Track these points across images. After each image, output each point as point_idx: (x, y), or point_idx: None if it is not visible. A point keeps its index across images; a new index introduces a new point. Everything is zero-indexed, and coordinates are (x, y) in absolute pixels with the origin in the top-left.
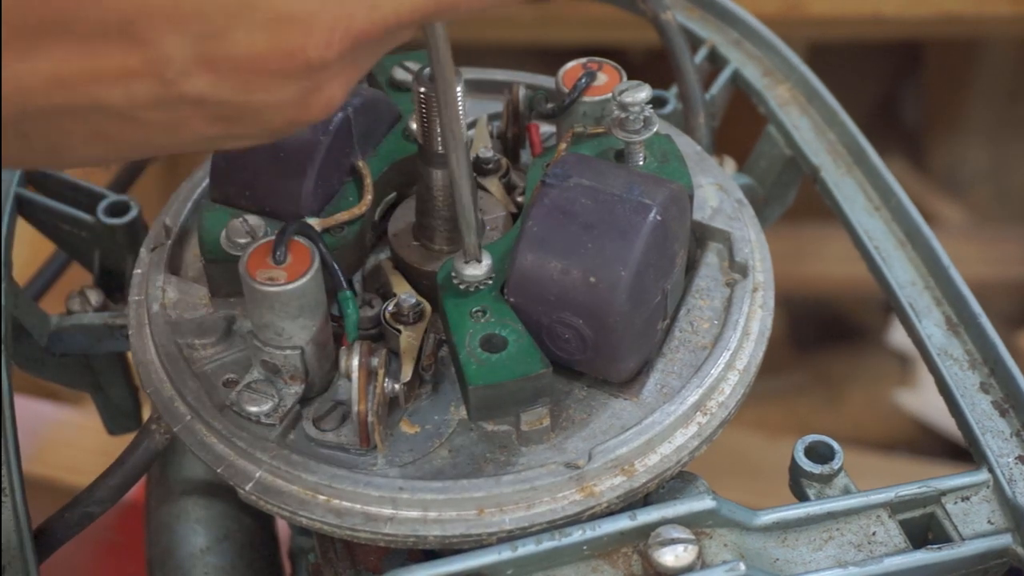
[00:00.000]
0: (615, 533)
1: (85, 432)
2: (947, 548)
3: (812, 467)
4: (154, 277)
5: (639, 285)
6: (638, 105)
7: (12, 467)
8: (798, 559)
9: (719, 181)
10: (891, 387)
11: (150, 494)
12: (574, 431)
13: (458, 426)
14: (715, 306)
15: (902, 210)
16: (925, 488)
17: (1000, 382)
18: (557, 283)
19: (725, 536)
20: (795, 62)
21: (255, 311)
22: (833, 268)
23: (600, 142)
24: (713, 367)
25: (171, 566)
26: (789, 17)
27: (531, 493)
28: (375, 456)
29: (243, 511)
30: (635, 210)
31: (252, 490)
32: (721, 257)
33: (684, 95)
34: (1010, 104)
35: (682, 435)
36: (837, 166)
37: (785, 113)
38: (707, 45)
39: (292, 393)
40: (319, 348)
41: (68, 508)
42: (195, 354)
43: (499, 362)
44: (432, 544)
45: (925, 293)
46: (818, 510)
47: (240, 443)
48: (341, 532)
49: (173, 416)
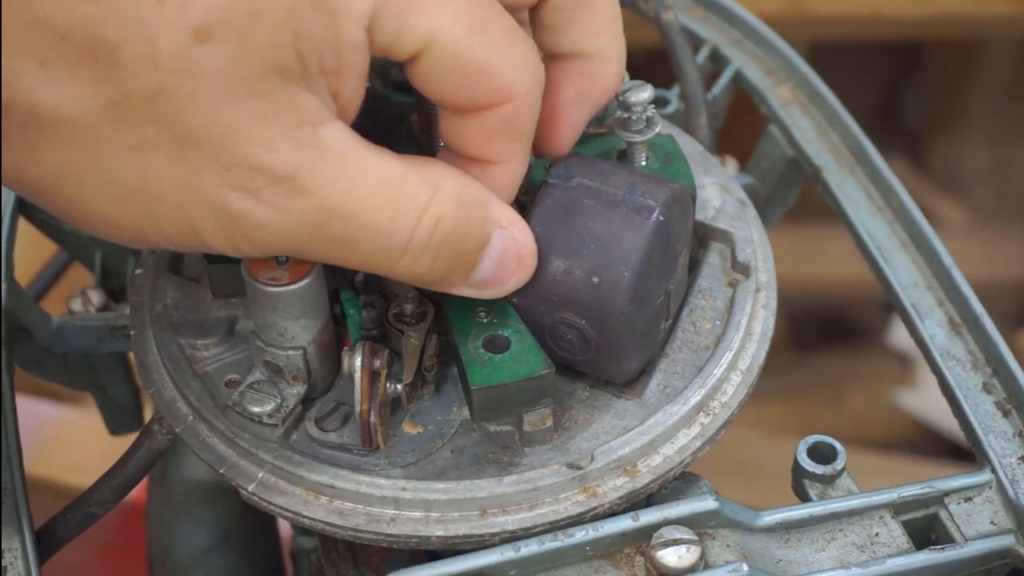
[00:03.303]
0: (617, 534)
1: (86, 432)
2: (950, 549)
3: (814, 468)
4: (156, 277)
5: (642, 285)
6: (641, 105)
7: (13, 467)
8: (801, 560)
9: (721, 181)
10: (892, 387)
11: (152, 494)
12: (577, 432)
13: (461, 427)
14: (717, 306)
15: (904, 211)
16: (928, 489)
17: (1003, 383)
18: (560, 284)
19: (728, 537)
20: (797, 62)
21: (257, 311)
22: (834, 268)
23: (602, 142)
24: (716, 367)
25: (172, 567)
26: (790, 17)
27: (534, 494)
28: (377, 457)
29: (245, 512)
30: (638, 210)
31: (254, 491)
32: (723, 257)
33: (686, 95)
34: (1010, 104)
35: (685, 436)
36: (839, 166)
37: (787, 113)
38: (709, 45)
39: (294, 394)
40: (321, 348)
41: (70, 509)
42: (197, 354)
43: (502, 363)
44: (435, 545)
45: (927, 294)
46: (821, 511)
47: (242, 443)
48: (343, 533)
49: (175, 417)
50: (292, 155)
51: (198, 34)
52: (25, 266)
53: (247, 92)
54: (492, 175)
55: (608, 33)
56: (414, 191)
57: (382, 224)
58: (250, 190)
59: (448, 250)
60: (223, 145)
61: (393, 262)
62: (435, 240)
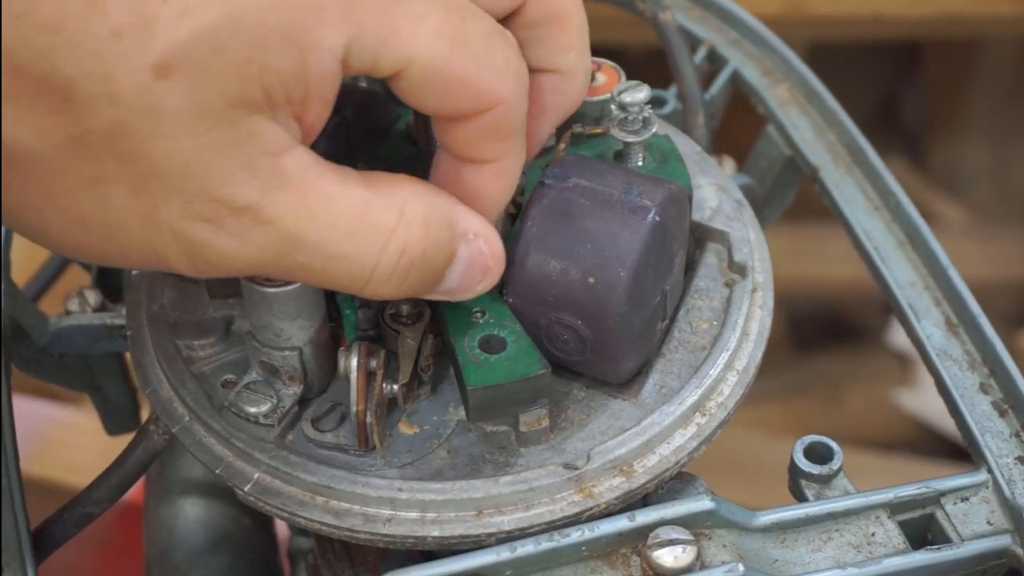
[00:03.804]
0: (614, 534)
1: (84, 432)
2: (946, 549)
3: (811, 468)
4: (152, 277)
5: (638, 286)
6: (637, 105)
7: (11, 467)
8: (797, 560)
9: (718, 181)
10: (891, 387)
11: (149, 494)
12: (573, 432)
13: (457, 427)
14: (714, 306)
15: (902, 210)
16: (924, 489)
17: (999, 383)
18: (556, 284)
19: (724, 537)
20: (794, 62)
21: (253, 312)
22: (833, 268)
23: (599, 142)
24: (712, 368)
25: (169, 567)
26: (789, 17)
27: (530, 494)
28: (374, 457)
29: (242, 512)
30: (634, 211)
31: (251, 491)
32: (720, 258)
33: (683, 95)
34: (1010, 104)
35: (681, 436)
36: (836, 166)
37: (784, 113)
38: (706, 45)
39: (291, 394)
40: (318, 349)
41: (67, 508)
42: (193, 355)
43: (498, 363)
44: (431, 545)
45: (925, 293)
46: (817, 511)
47: (239, 444)
48: (340, 533)
49: (171, 417)
50: (253, 186)
51: (158, 70)
52: (22, 266)
53: (208, 126)
54: (487, 173)
55: (576, 49)
56: (379, 217)
57: (347, 253)
58: (211, 220)
59: (415, 274)
60: (184, 178)
61: (360, 287)
62: (402, 266)
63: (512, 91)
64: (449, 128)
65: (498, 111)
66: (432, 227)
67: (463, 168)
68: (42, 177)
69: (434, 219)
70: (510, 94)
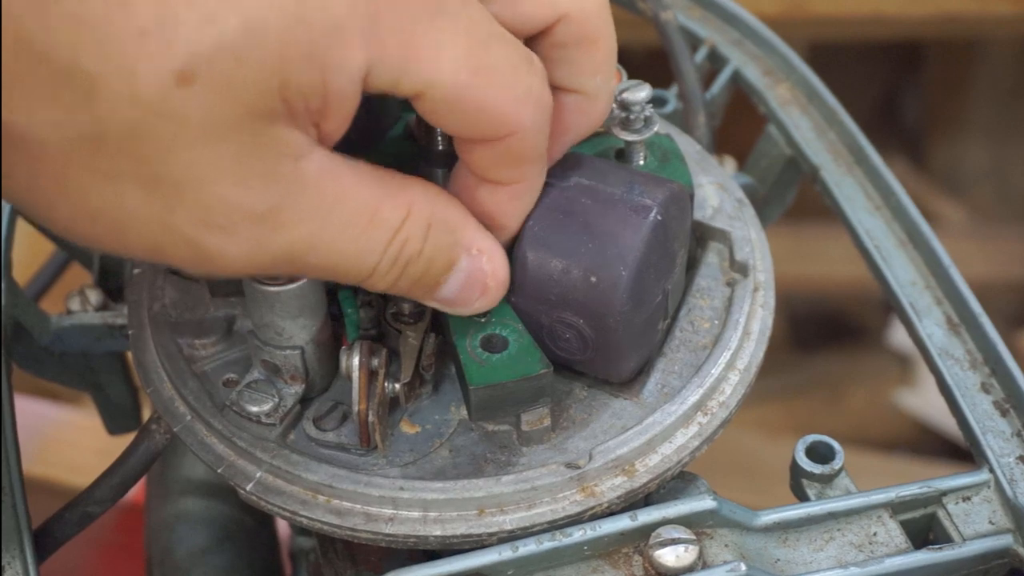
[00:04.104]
0: (616, 533)
1: (85, 432)
2: (948, 548)
3: (813, 467)
4: (153, 276)
5: (640, 285)
6: (639, 104)
7: (12, 467)
8: (799, 559)
9: (720, 180)
10: (891, 387)
11: (150, 494)
12: (575, 431)
13: (459, 426)
14: (716, 306)
15: (902, 210)
16: (926, 488)
17: (1001, 382)
18: (558, 283)
19: (726, 536)
20: (795, 62)
21: (255, 311)
22: (833, 268)
23: (600, 141)
24: (714, 367)
25: (171, 566)
26: (790, 17)
27: (532, 493)
28: (376, 456)
29: (243, 511)
30: (635, 210)
31: (252, 490)
32: (722, 257)
33: (684, 95)
34: (1010, 104)
35: (683, 435)
36: (837, 165)
37: (785, 113)
38: (707, 44)
39: (292, 393)
40: (319, 348)
41: (68, 508)
42: (195, 354)
43: (500, 362)
44: (433, 544)
45: (926, 293)
46: (819, 510)
47: (240, 443)
48: (341, 532)
49: (173, 416)
50: (271, 193)
51: (180, 77)
52: (24, 265)
53: (227, 136)
54: (503, 194)
55: (603, 73)
56: (387, 215)
57: (354, 251)
58: (225, 227)
59: (411, 271)
60: (200, 185)
61: (360, 280)
62: (400, 261)
63: (533, 119)
64: (469, 148)
65: (518, 137)
66: (435, 228)
67: (480, 186)
68: (54, 168)
69: (439, 222)
70: (530, 122)
